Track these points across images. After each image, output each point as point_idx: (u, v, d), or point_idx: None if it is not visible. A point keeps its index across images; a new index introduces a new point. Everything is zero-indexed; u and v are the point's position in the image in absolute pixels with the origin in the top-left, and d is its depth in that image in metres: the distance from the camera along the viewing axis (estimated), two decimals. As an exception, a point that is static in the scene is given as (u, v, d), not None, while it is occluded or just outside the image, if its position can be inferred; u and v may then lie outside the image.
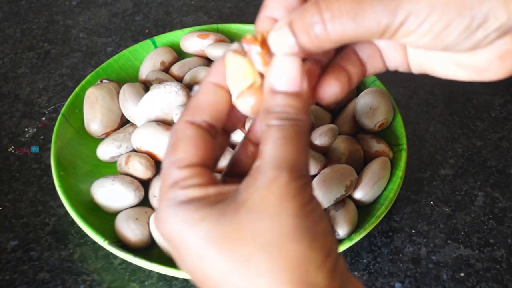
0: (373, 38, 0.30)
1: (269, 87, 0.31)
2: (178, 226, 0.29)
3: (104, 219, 0.54)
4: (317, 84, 0.34)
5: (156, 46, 0.69)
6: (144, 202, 0.56)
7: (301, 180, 0.29)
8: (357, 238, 0.51)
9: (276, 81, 0.31)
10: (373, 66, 0.36)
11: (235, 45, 0.33)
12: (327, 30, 0.29)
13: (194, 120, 0.32)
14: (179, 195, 0.30)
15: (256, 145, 0.34)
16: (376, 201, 0.55)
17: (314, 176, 0.54)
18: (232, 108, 0.33)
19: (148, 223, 0.53)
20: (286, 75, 0.31)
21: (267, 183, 0.28)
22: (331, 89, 0.34)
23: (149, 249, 0.53)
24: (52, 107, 0.68)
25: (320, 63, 0.34)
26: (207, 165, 0.31)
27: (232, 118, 0.34)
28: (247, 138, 0.35)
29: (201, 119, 0.32)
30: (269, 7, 0.33)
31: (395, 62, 0.35)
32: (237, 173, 0.34)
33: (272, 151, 0.29)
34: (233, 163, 0.35)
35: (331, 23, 0.29)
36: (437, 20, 0.28)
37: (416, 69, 0.35)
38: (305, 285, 0.27)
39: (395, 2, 0.28)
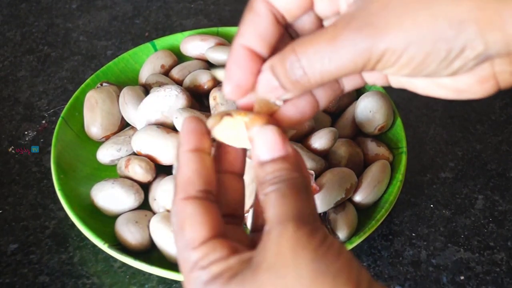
0: (353, 73, 0.30)
1: (256, 160, 0.31)
2: None
3: (104, 222, 0.54)
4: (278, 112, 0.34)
5: (156, 49, 0.69)
6: (144, 205, 0.56)
7: (308, 226, 0.29)
8: (357, 241, 0.51)
9: (261, 153, 0.31)
10: (351, 84, 0.36)
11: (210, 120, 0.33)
12: (306, 75, 0.30)
13: (189, 195, 0.31)
14: (202, 276, 0.29)
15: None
16: (376, 204, 0.55)
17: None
18: (225, 155, 0.34)
19: (148, 226, 0.53)
20: (268, 145, 0.31)
21: (276, 240, 0.28)
22: (291, 117, 0.34)
23: (149, 252, 0.53)
24: (52, 110, 0.68)
25: None
26: (220, 233, 0.31)
27: (233, 162, 0.34)
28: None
29: (195, 191, 0.31)
30: (244, 35, 0.33)
31: (374, 78, 0.35)
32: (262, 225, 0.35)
33: (273, 211, 0.29)
34: (255, 216, 0.35)
35: (310, 68, 0.30)
36: (414, 54, 0.28)
37: (396, 84, 0.35)
38: None
39: (368, 39, 0.28)
